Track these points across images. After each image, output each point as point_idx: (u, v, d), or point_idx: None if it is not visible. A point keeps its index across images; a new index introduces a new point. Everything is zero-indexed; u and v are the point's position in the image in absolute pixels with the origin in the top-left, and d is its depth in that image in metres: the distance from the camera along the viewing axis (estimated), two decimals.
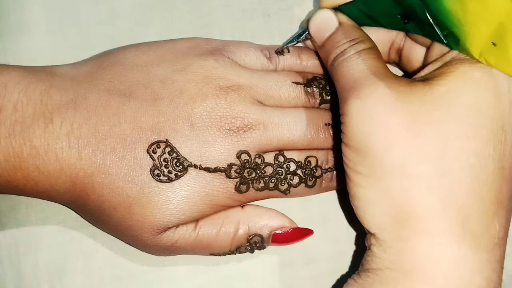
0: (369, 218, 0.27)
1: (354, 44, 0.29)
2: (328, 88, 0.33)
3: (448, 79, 0.26)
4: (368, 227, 0.28)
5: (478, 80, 0.26)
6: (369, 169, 0.27)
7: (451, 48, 0.28)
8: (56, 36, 0.35)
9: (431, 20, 0.28)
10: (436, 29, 0.28)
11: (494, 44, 0.26)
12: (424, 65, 0.30)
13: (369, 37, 0.30)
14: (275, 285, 0.33)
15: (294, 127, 0.31)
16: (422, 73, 0.29)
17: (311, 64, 0.34)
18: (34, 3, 0.35)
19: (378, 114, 0.26)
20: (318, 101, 0.32)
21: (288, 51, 0.33)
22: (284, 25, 0.36)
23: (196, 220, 0.30)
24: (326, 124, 0.32)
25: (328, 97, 0.33)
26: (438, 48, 0.29)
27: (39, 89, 0.29)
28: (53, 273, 0.33)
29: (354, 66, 0.28)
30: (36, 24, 0.35)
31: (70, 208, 0.32)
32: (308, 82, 0.32)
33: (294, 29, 0.36)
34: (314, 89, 0.32)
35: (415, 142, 0.26)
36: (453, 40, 0.28)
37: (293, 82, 0.32)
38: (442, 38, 0.28)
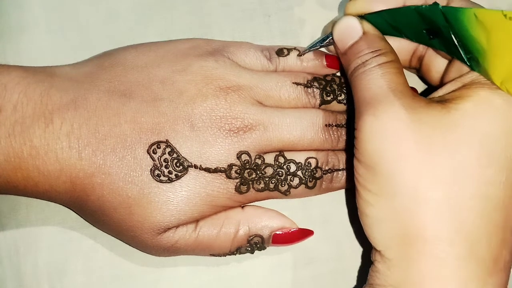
0: (376, 235, 0.27)
1: (376, 56, 0.29)
2: (328, 88, 0.33)
3: (466, 104, 0.26)
4: (375, 244, 0.28)
5: (496, 107, 0.26)
6: (379, 187, 0.27)
7: (474, 70, 0.28)
8: (56, 36, 0.35)
9: (456, 42, 0.28)
10: (460, 51, 0.28)
11: None
12: (443, 82, 0.30)
13: (392, 49, 0.29)
14: (275, 285, 0.33)
15: (294, 127, 0.31)
16: (441, 92, 0.29)
17: (311, 65, 0.33)
18: (34, 3, 0.35)
19: (392, 133, 0.26)
20: (318, 101, 0.32)
21: (288, 52, 0.33)
22: (284, 25, 0.36)
23: (196, 221, 0.30)
24: (326, 125, 0.32)
25: (329, 98, 0.32)
26: (460, 64, 0.29)
27: (39, 89, 0.29)
28: (53, 273, 0.33)
29: (373, 80, 0.28)
30: (36, 24, 0.35)
31: (70, 209, 0.32)
32: (308, 82, 0.32)
33: (294, 30, 0.36)
34: (315, 89, 0.32)
35: (427, 166, 0.26)
36: (475, 64, 0.27)
37: (293, 83, 0.32)
38: (466, 60, 0.28)
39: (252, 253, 0.32)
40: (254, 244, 0.31)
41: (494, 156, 0.26)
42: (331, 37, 0.31)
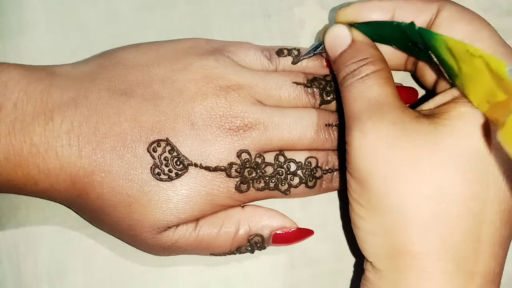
0: (367, 247, 0.28)
1: (364, 65, 0.29)
2: (328, 88, 0.33)
3: (453, 120, 0.26)
4: (366, 255, 0.28)
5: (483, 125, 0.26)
6: (369, 203, 0.27)
7: (456, 86, 0.28)
8: (56, 36, 0.35)
9: (436, 60, 0.28)
10: (441, 68, 0.28)
11: (488, 102, 0.25)
12: (436, 89, 0.30)
13: (382, 56, 0.29)
14: (275, 285, 0.33)
15: (294, 127, 0.31)
16: (431, 103, 0.29)
17: (311, 65, 0.33)
18: (34, 3, 0.35)
19: (380, 151, 0.26)
20: (318, 101, 0.32)
21: (288, 52, 0.33)
22: (284, 26, 0.36)
23: (197, 220, 0.30)
24: (326, 125, 0.32)
25: (329, 98, 0.32)
26: None
27: (39, 87, 0.29)
28: (53, 273, 0.32)
29: (360, 92, 0.28)
30: (36, 24, 0.35)
31: (70, 208, 0.32)
32: (309, 82, 0.32)
33: (294, 30, 0.36)
34: (315, 89, 0.32)
35: (415, 183, 0.26)
36: (455, 83, 0.27)
37: (293, 82, 0.32)
38: (447, 77, 0.28)
39: (252, 252, 0.32)
40: (254, 243, 0.31)
41: (481, 173, 0.26)
42: (323, 45, 0.31)
